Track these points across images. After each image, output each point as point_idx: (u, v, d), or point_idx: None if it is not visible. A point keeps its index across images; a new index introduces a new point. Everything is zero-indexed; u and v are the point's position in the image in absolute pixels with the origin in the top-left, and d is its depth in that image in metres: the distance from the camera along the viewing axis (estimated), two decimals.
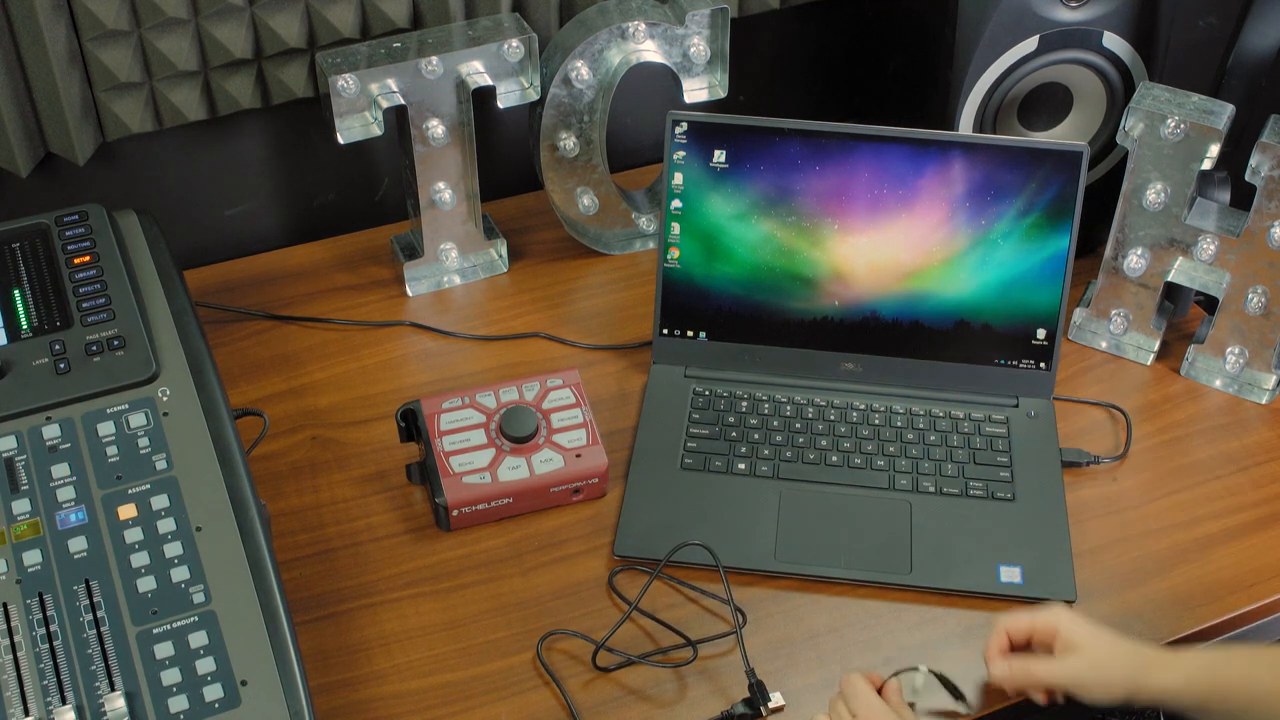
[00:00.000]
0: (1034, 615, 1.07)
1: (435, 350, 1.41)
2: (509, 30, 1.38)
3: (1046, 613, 1.06)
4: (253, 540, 1.01)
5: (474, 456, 1.21)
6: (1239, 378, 1.37)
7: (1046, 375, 1.33)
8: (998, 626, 1.08)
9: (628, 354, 1.41)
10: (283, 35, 1.36)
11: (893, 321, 1.32)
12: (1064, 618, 1.05)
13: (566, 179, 1.48)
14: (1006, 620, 1.08)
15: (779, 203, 1.30)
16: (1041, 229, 1.28)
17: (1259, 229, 1.29)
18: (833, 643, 1.13)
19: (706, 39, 1.42)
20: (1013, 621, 1.07)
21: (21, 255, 1.17)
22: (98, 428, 1.06)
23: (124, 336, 1.11)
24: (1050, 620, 1.05)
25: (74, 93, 1.29)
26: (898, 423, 1.30)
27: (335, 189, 1.56)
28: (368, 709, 1.08)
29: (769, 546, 1.19)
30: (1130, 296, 1.39)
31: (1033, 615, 1.07)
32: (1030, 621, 1.06)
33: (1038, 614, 1.07)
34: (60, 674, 0.94)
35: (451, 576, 1.18)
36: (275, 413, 1.31)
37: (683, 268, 1.33)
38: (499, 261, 1.51)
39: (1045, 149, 1.26)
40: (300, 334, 1.42)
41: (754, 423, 1.30)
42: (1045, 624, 1.06)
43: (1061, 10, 1.35)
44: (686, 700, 1.08)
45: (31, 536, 1.00)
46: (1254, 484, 1.27)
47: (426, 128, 1.37)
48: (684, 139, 1.29)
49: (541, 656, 1.11)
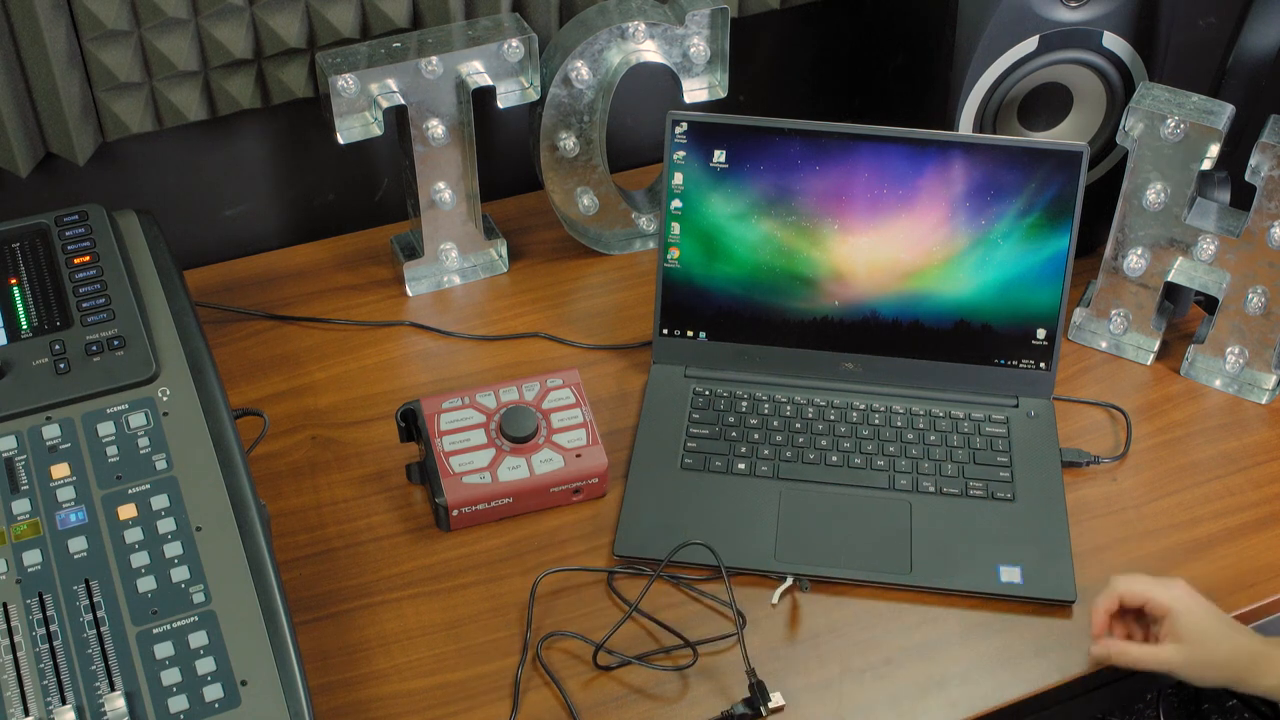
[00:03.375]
0: (1152, 590, 1.07)
1: (435, 350, 1.41)
2: (509, 30, 1.38)
3: (1165, 592, 1.07)
4: (253, 540, 1.01)
5: (474, 456, 1.21)
6: (1239, 378, 1.37)
7: (1046, 375, 1.33)
8: (1113, 588, 1.09)
9: (628, 354, 1.41)
10: (283, 35, 1.36)
11: (892, 321, 1.32)
12: (1180, 607, 1.06)
13: (566, 179, 1.48)
14: (1124, 583, 1.08)
15: (779, 203, 1.30)
16: (1041, 229, 1.28)
17: (1259, 229, 1.29)
18: (833, 643, 1.13)
19: (706, 39, 1.42)
20: (1129, 587, 1.08)
21: (21, 255, 1.17)
22: (98, 428, 1.06)
23: (124, 336, 1.11)
24: (1165, 603, 1.06)
25: (74, 93, 1.29)
26: (898, 423, 1.30)
27: (335, 189, 1.56)
28: (368, 709, 1.08)
29: (769, 546, 1.19)
30: (1130, 296, 1.39)
31: (1151, 589, 1.07)
32: (1147, 594, 1.07)
33: (1156, 590, 1.07)
34: (60, 674, 0.94)
35: (451, 576, 1.18)
36: (275, 413, 1.31)
37: (683, 268, 1.33)
38: (499, 261, 1.51)
39: (1045, 149, 1.26)
40: (300, 334, 1.42)
41: (754, 423, 1.30)
42: (1159, 605, 1.07)
43: (1061, 10, 1.35)
44: (686, 700, 1.08)
45: (31, 536, 1.00)
46: (1254, 484, 1.27)
47: (426, 128, 1.37)
48: (684, 139, 1.29)
49: (541, 657, 1.11)
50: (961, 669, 1.10)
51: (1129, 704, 1.91)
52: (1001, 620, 1.14)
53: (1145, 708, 1.94)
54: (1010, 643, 1.13)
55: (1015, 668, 1.11)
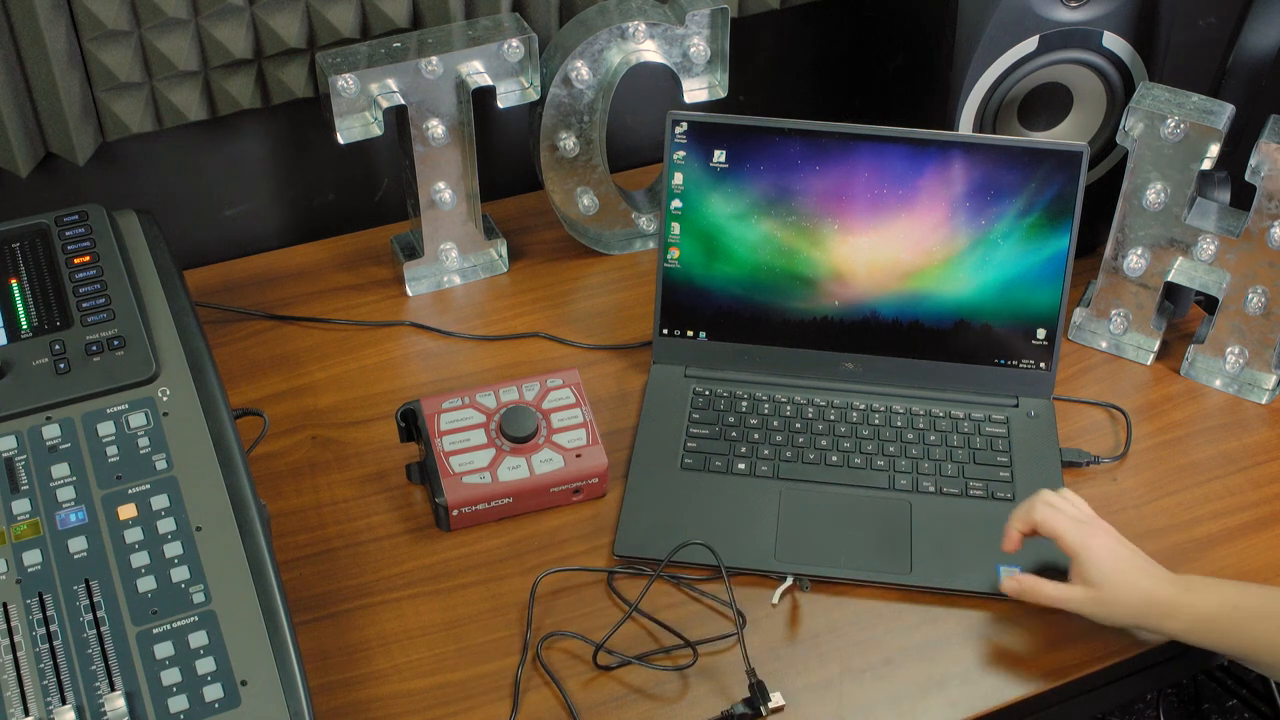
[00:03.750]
0: (1067, 532, 1.09)
1: (435, 350, 1.41)
2: (509, 30, 1.38)
3: (1077, 537, 1.09)
4: (253, 540, 1.01)
5: (474, 456, 1.21)
6: (1239, 378, 1.37)
7: (1046, 375, 1.33)
8: (1029, 513, 1.12)
9: (628, 354, 1.41)
10: (283, 35, 1.36)
11: (892, 321, 1.32)
12: (1087, 555, 1.08)
13: (566, 179, 1.48)
14: (1042, 513, 1.11)
15: (779, 203, 1.30)
16: (1041, 229, 1.28)
17: (1259, 229, 1.29)
18: (833, 643, 1.13)
19: (706, 39, 1.42)
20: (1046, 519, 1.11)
21: (21, 255, 1.17)
22: (98, 428, 1.06)
23: (124, 336, 1.11)
24: (1073, 548, 1.09)
25: (74, 93, 1.30)
26: (898, 423, 1.30)
27: (335, 189, 1.56)
28: (368, 709, 1.08)
29: (769, 546, 1.19)
30: (1130, 296, 1.39)
31: (1066, 530, 1.10)
32: (1058, 533, 1.10)
33: (1070, 533, 1.09)
34: (60, 674, 0.94)
35: (451, 576, 1.18)
36: (275, 413, 1.31)
37: (683, 268, 1.33)
38: (499, 261, 1.51)
39: (1045, 149, 1.26)
40: (300, 334, 1.42)
41: (754, 423, 1.30)
42: (1068, 548, 1.09)
43: (1061, 10, 1.35)
44: (686, 700, 1.08)
45: (31, 536, 1.00)
46: (1254, 484, 1.27)
47: (426, 128, 1.37)
48: (684, 139, 1.29)
49: (541, 657, 1.11)
50: (961, 669, 1.11)
51: (1129, 704, 1.91)
52: (1001, 620, 1.14)
53: (1145, 708, 1.94)
54: (1010, 643, 1.13)
55: (1015, 668, 1.11)
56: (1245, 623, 1.05)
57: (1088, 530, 1.10)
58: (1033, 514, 1.12)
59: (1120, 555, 1.09)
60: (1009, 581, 1.12)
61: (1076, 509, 1.12)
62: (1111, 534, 1.11)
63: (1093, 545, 1.09)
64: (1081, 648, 1.12)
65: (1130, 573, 1.08)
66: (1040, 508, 1.12)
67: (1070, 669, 1.11)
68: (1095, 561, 1.08)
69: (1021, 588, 1.11)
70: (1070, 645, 1.12)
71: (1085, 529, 1.10)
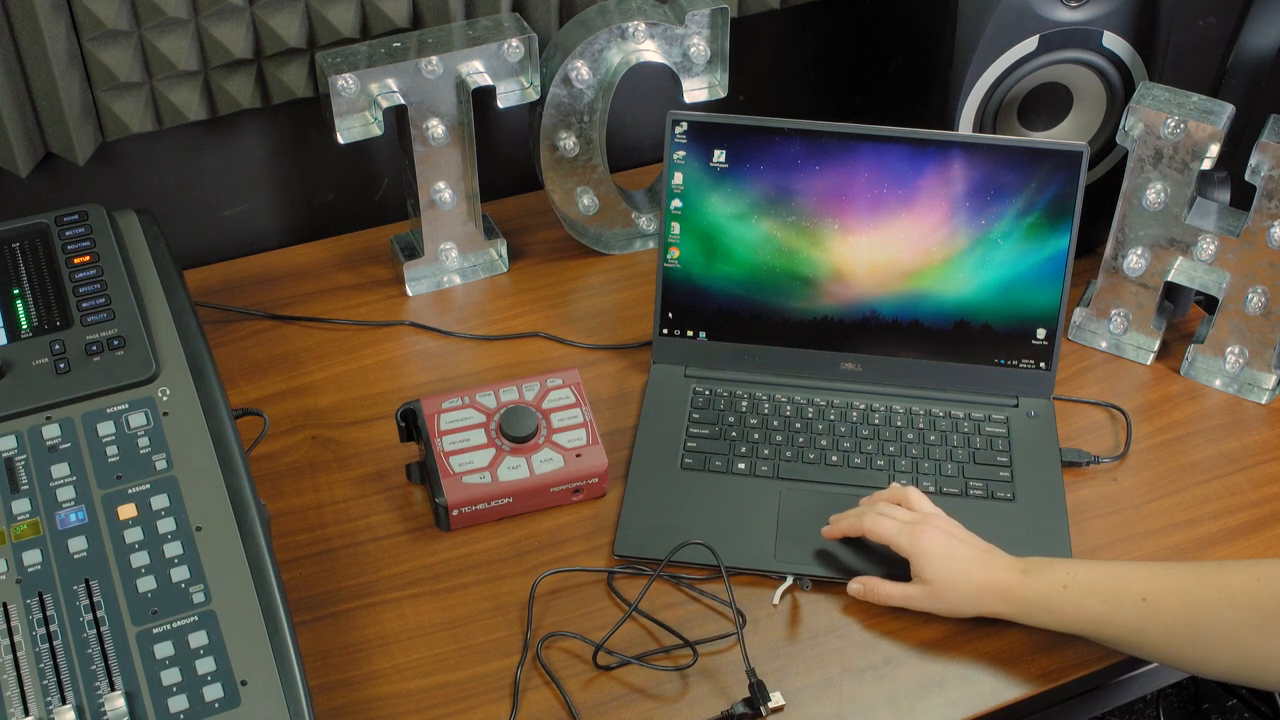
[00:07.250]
0: (896, 537, 1.12)
1: (435, 350, 1.41)
2: (509, 30, 1.38)
3: (906, 541, 1.11)
4: (253, 540, 1.01)
5: (474, 456, 1.21)
6: (1239, 378, 1.37)
7: (1046, 375, 1.33)
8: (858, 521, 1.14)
9: (628, 354, 1.41)
10: (283, 35, 1.36)
11: (892, 321, 1.32)
12: (919, 555, 1.10)
13: (566, 179, 1.48)
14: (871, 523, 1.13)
15: (779, 202, 1.30)
16: (1041, 229, 1.28)
17: (1259, 229, 1.29)
18: (833, 643, 1.13)
19: (706, 39, 1.42)
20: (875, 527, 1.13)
21: (21, 255, 1.17)
22: (98, 428, 1.06)
23: (124, 336, 1.11)
24: (905, 551, 1.11)
25: (74, 93, 1.30)
26: (898, 422, 1.30)
27: (335, 189, 1.56)
28: (368, 709, 1.08)
29: (769, 546, 1.19)
30: (1130, 296, 1.39)
31: (895, 536, 1.12)
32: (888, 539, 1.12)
33: (899, 538, 1.11)
34: (60, 674, 0.94)
35: (451, 576, 1.18)
36: (275, 413, 1.31)
37: (683, 267, 1.33)
38: (499, 261, 1.51)
39: (1045, 149, 1.26)
40: (300, 334, 1.42)
41: (754, 422, 1.30)
42: (901, 551, 1.12)
43: (1061, 10, 1.35)
44: (686, 700, 1.08)
45: (31, 536, 1.00)
46: (1254, 484, 1.27)
47: (426, 128, 1.37)
48: (684, 139, 1.29)
49: (541, 657, 1.11)
50: (961, 669, 1.11)
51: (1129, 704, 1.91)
52: (1002, 620, 1.14)
53: (1145, 708, 1.94)
54: (1010, 643, 1.13)
55: (1015, 668, 1.11)
56: (1075, 599, 1.05)
57: (917, 530, 1.11)
58: (862, 523, 1.14)
59: (951, 548, 1.10)
60: (854, 584, 1.14)
61: (913, 509, 1.14)
62: (944, 529, 1.12)
63: (921, 543, 1.10)
64: (1082, 648, 1.12)
65: (961, 561, 1.10)
66: (870, 517, 1.14)
67: (1070, 669, 1.11)
68: (927, 558, 1.10)
69: (865, 589, 1.13)
70: (1070, 645, 1.12)
71: (914, 530, 1.11)
